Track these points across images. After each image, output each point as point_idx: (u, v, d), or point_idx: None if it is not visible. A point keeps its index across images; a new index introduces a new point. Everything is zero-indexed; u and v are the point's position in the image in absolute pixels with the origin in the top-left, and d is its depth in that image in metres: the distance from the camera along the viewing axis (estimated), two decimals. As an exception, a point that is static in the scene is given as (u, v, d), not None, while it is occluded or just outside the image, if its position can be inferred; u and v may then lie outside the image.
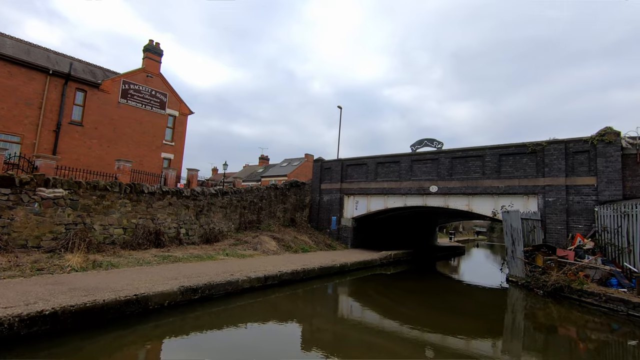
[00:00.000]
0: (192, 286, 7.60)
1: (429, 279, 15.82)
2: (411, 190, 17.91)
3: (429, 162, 17.52)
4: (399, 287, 13.06)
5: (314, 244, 17.78)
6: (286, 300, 9.34)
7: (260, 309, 8.30)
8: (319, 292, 11.07)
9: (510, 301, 11.89)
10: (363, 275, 14.25)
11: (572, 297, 10.72)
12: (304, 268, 11.40)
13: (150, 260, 10.06)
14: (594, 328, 8.53)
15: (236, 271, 9.70)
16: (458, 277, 18.34)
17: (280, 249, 15.06)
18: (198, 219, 14.35)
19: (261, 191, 18.63)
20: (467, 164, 16.26)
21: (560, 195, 13.46)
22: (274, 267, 11.01)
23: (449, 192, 16.59)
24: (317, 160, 22.92)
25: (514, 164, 14.92)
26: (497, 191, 15.12)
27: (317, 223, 21.95)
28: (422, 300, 11.34)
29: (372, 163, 19.90)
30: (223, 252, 12.61)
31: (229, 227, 16.05)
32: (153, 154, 22.82)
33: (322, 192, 22.19)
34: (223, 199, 15.77)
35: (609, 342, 7.74)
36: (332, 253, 16.71)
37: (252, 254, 13.38)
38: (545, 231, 13.67)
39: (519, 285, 12.72)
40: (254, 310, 8.16)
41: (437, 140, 17.76)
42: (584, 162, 13.25)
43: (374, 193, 19.51)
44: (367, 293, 11.81)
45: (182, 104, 24.34)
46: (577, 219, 13.06)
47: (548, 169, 13.86)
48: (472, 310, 10.50)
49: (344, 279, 13.10)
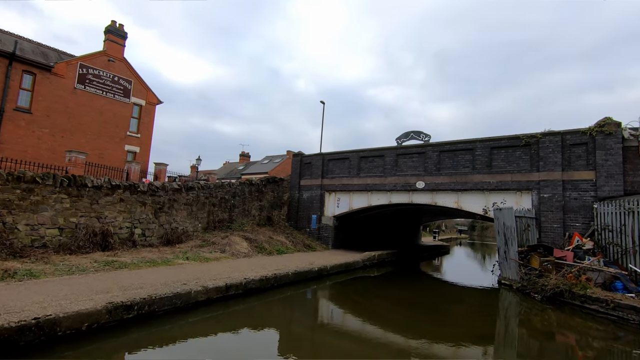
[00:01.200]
0: (125, 302, 5.97)
1: (415, 282, 14.60)
2: (396, 187, 16.66)
3: (416, 156, 16.31)
4: (384, 292, 11.73)
5: (292, 245, 16.27)
6: (249, 315, 7.80)
7: (215, 328, 6.74)
8: (292, 302, 9.58)
9: (506, 307, 10.75)
10: (344, 279, 12.87)
11: (574, 303, 9.65)
12: (276, 273, 9.89)
13: (87, 267, 8.31)
14: (604, 338, 7.42)
15: (193, 279, 8.10)
16: (445, 279, 17.23)
17: (252, 251, 13.49)
18: (157, 217, 12.59)
19: (233, 187, 16.97)
20: (456, 157, 15.12)
21: (556, 191, 12.46)
22: (241, 272, 9.46)
23: (437, 188, 15.43)
24: (297, 154, 21.40)
25: (507, 158, 13.86)
26: (488, 187, 14.03)
27: (296, 222, 20.45)
28: (409, 308, 10.02)
29: (354, 157, 18.56)
30: (183, 256, 10.94)
31: (195, 227, 14.34)
32: (116, 146, 20.73)
33: (301, 189, 20.69)
34: (188, 195, 14.04)
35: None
36: (311, 255, 15.25)
37: (218, 257, 11.75)
38: (540, 230, 12.65)
39: (514, 289, 11.62)
40: (206, 329, 6.59)
41: (424, 133, 16.59)
42: (581, 155, 12.29)
43: (357, 189, 18.18)
44: (348, 300, 10.41)
45: (149, 92, 22.30)
46: (575, 217, 12.08)
47: (543, 163, 12.84)
48: (464, 317, 9.26)
49: (322, 284, 11.67)
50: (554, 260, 11.35)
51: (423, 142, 16.47)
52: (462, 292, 13.55)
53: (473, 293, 13.48)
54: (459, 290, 13.90)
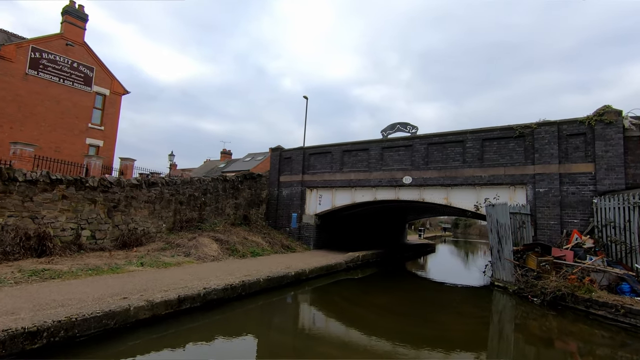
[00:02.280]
0: (30, 327, 4.52)
1: (402, 285, 13.49)
2: (382, 182, 15.53)
3: (402, 149, 15.21)
4: (368, 298, 10.54)
5: (269, 246, 14.91)
6: (204, 335, 6.42)
7: (152, 357, 5.34)
8: (261, 314, 8.24)
9: (502, 312, 9.72)
10: (325, 284, 11.62)
11: (577, 308, 8.71)
12: (245, 280, 8.53)
13: (5, 278, 6.75)
14: (619, 348, 6.42)
15: (138, 291, 6.67)
16: (434, 279, 16.22)
17: (222, 254, 12.06)
18: (111, 217, 11.00)
19: (204, 183, 15.45)
20: (446, 150, 14.09)
21: (552, 185, 11.56)
22: (202, 281, 8.06)
23: (425, 184, 14.37)
24: (276, 149, 20.01)
25: (499, 150, 12.91)
26: (480, 181, 13.05)
27: (275, 221, 19.07)
28: (397, 317, 8.84)
29: (337, 151, 17.33)
30: (138, 261, 9.43)
31: (159, 227, 12.79)
32: (75, 139, 18.82)
33: (281, 186, 19.33)
34: (150, 191, 12.47)
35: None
36: (289, 257, 13.94)
37: (180, 261, 10.29)
38: (536, 227, 11.73)
39: (509, 291, 10.64)
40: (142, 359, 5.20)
41: (410, 125, 15.51)
42: (579, 146, 11.43)
43: (340, 185, 16.96)
44: (327, 309, 9.15)
45: (114, 81, 20.42)
46: (573, 213, 11.21)
47: (538, 155, 11.94)
48: (458, 325, 8.15)
49: (300, 290, 10.38)
50: (552, 260, 10.43)
51: (410, 134, 15.40)
52: (452, 295, 12.51)
53: (464, 296, 12.47)
54: (449, 293, 12.87)
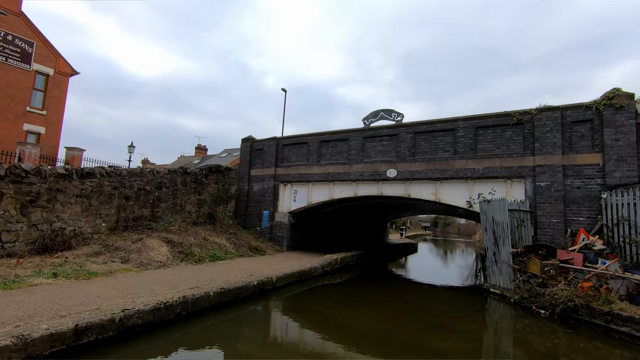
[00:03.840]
0: None
1: (385, 292, 11.86)
2: (363, 176, 13.86)
3: (386, 139, 13.58)
4: (347, 313, 8.81)
5: (234, 248, 12.94)
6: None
7: None
8: (200, 340, 6.34)
9: (507, 330, 8.19)
10: (297, 292, 9.83)
11: (594, 323, 7.29)
12: (188, 296, 6.59)
13: None
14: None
15: (19, 318, 4.66)
16: (420, 284, 14.69)
17: (173, 259, 10.02)
18: (26, 214, 8.76)
19: (159, 176, 13.28)
20: (434, 140, 12.56)
21: (555, 179, 10.21)
22: (128, 297, 6.08)
23: (411, 177, 12.79)
24: (246, 139, 17.99)
25: (495, 140, 11.48)
26: (473, 175, 11.59)
27: (245, 219, 17.09)
28: (380, 342, 7.15)
29: (314, 142, 15.53)
30: (51, 271, 7.30)
31: (97, 227, 10.59)
32: (10, 124, 16.15)
33: (251, 180, 17.35)
34: (83, 183, 10.25)
35: None
36: (257, 261, 12.04)
37: (114, 269, 8.21)
38: (536, 226, 10.36)
39: (509, 300, 9.17)
40: None
41: (395, 112, 13.90)
42: (585, 134, 10.11)
43: (317, 180, 15.18)
44: (290, 335, 7.35)
45: (59, 60, 17.80)
46: (578, 210, 9.88)
47: (539, 145, 10.56)
48: (458, 352, 6.55)
49: (264, 302, 8.52)
50: (558, 264, 9.04)
51: (395, 122, 13.79)
52: (443, 306, 10.95)
53: (457, 306, 10.92)
54: (439, 302, 11.31)
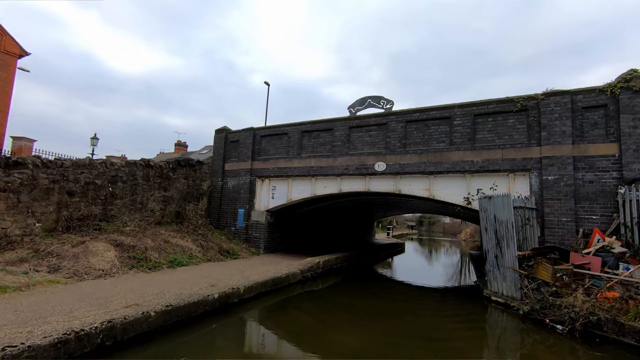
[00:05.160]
0: None
1: (373, 301, 10.44)
2: (349, 170, 12.44)
3: (374, 128, 12.20)
4: (327, 335, 7.35)
5: (201, 252, 11.30)
6: None
7: None
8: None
9: (516, 347, 6.89)
10: (269, 304, 8.32)
11: (623, 341, 6.07)
12: (116, 320, 4.98)
13: None
14: None
15: None
16: (413, 291, 13.37)
17: (120, 266, 8.33)
18: None
19: (113, 168, 11.49)
20: (428, 129, 11.25)
21: (564, 172, 9.02)
22: (26, 325, 4.44)
23: (402, 171, 11.45)
24: (221, 130, 16.30)
25: (496, 128, 10.24)
26: (472, 168, 10.32)
27: (219, 219, 15.43)
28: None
29: (295, 133, 14.01)
30: (-61, 287, 5.55)
31: (28, 228, 8.78)
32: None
33: (226, 175, 15.69)
34: (9, 175, 8.42)
35: None
36: (226, 266, 10.45)
37: (35, 281, 6.49)
38: (543, 225, 9.15)
39: (517, 313, 7.90)
40: None
41: (385, 99, 12.52)
42: (599, 122, 8.96)
43: (298, 174, 13.67)
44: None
45: (5, 37, 15.66)
46: (591, 207, 8.72)
47: (546, 134, 9.36)
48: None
49: (226, 320, 6.96)
50: (572, 269, 7.83)
51: (384, 110, 12.42)
52: (440, 318, 9.62)
53: (456, 318, 9.58)
54: (435, 313, 9.98)
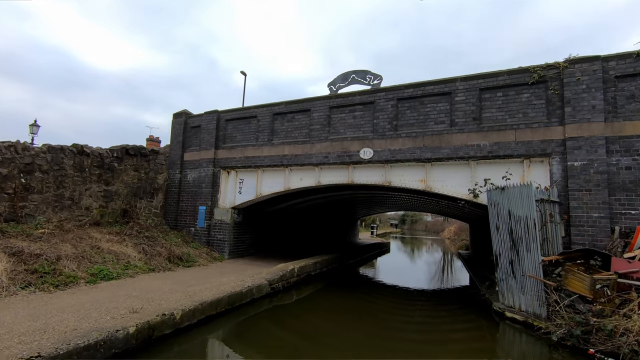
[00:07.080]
0: None
1: (360, 321, 8.44)
2: (329, 158, 10.39)
3: (359, 108, 10.19)
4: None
5: (143, 259, 8.97)
6: None
7: None
8: None
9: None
10: (219, 332, 6.16)
11: None
12: None
13: None
14: None
15: None
16: (405, 299, 11.43)
17: (10, 284, 5.96)
18: None
19: (28, 155, 8.98)
20: (424, 108, 9.33)
21: (595, 156, 7.28)
22: None
23: (393, 159, 9.49)
24: (179, 114, 13.90)
25: (507, 105, 8.42)
26: (478, 153, 8.47)
27: (177, 218, 13.06)
28: None
29: (265, 115, 11.84)
30: None
31: None
32: None
33: (185, 166, 13.33)
34: None
35: None
36: (171, 278, 8.18)
37: None
38: (569, 223, 7.39)
39: (548, 337, 6.04)
40: None
41: (371, 73, 10.52)
42: (636, 94, 7.25)
43: (269, 164, 11.50)
44: None
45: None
46: (630, 199, 6.99)
47: (571, 110, 7.59)
48: None
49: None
50: (615, 279, 6.06)
51: (371, 86, 10.43)
52: (441, 340, 7.69)
53: (463, 337, 7.71)
54: (435, 329, 8.06)
